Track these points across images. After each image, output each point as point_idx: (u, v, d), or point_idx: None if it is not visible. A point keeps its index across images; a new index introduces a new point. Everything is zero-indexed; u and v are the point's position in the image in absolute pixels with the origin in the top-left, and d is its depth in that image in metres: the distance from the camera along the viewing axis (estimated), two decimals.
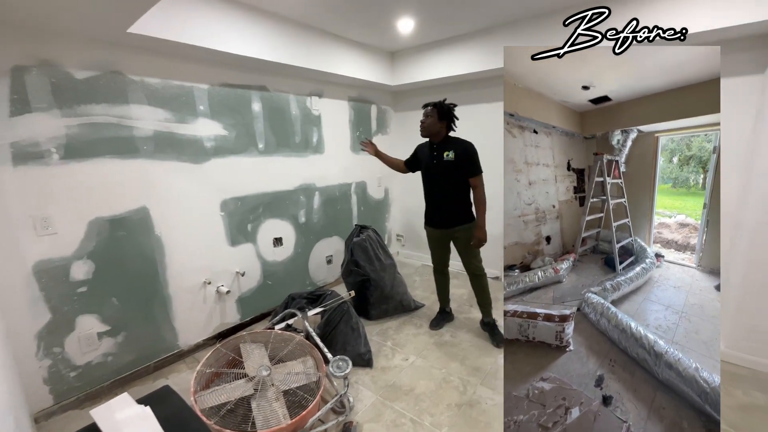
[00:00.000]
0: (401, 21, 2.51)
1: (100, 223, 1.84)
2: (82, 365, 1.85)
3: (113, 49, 1.81)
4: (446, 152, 2.16)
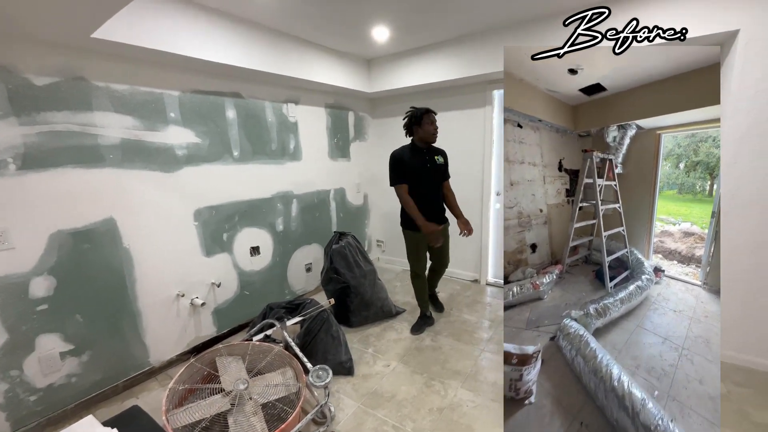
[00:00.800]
0: (376, 29, 2.54)
1: (62, 237, 1.74)
2: (44, 388, 1.73)
3: (76, 55, 1.74)
4: (437, 157, 2.39)
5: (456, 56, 2.82)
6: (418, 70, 3.04)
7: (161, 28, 1.83)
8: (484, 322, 2.68)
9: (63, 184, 1.73)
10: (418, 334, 2.51)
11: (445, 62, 2.88)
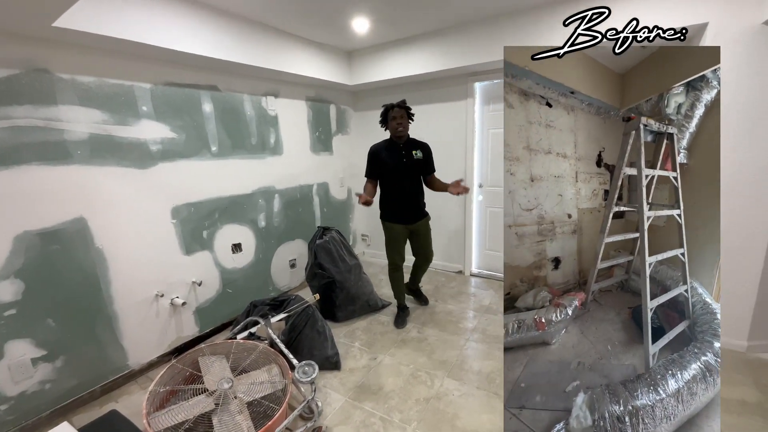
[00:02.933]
0: (356, 21, 2.50)
1: (28, 238, 1.66)
2: (15, 396, 1.66)
3: (37, 45, 1.64)
4: (414, 152, 2.35)
5: (437, 48, 2.81)
6: (400, 62, 3.02)
7: (130, 16, 1.74)
8: (468, 312, 2.72)
9: (27, 183, 1.64)
10: (402, 327, 2.52)
11: (427, 54, 2.87)
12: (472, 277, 3.40)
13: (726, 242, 1.98)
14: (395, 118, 2.28)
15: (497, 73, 2.87)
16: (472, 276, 3.41)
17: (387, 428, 1.66)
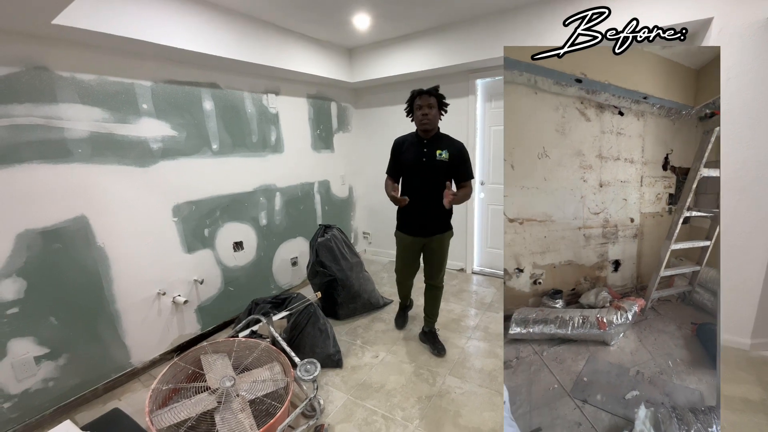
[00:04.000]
0: (357, 17, 2.48)
1: (30, 236, 1.66)
2: (18, 394, 1.66)
3: (37, 43, 1.63)
4: (439, 151, 1.91)
5: (438, 45, 2.79)
6: (401, 59, 3.00)
7: (130, 13, 1.73)
8: (470, 310, 2.72)
9: (28, 182, 1.64)
10: (402, 328, 2.43)
11: (428, 51, 2.85)
12: (473, 275, 3.40)
13: (728, 240, 1.97)
14: (421, 107, 1.89)
15: (499, 70, 2.85)
16: (474, 274, 3.41)
17: (389, 426, 1.66)
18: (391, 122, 3.53)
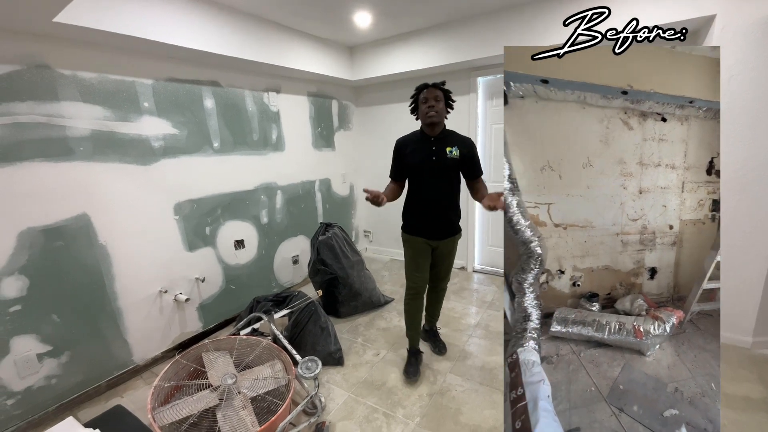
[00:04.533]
0: (358, 15, 2.47)
1: (32, 234, 1.66)
2: (21, 391, 1.67)
3: (38, 41, 1.63)
4: (449, 148, 1.78)
5: (440, 43, 2.79)
6: (402, 57, 2.99)
7: (131, 11, 1.73)
8: (471, 308, 2.72)
9: (30, 179, 1.64)
10: (414, 378, 1.93)
11: (429, 49, 2.84)
12: (474, 273, 3.40)
13: (729, 239, 1.97)
14: (427, 100, 1.74)
15: (500, 68, 2.84)
16: (475, 272, 3.41)
17: (390, 423, 1.67)
18: (393, 120, 3.53)
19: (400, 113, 3.45)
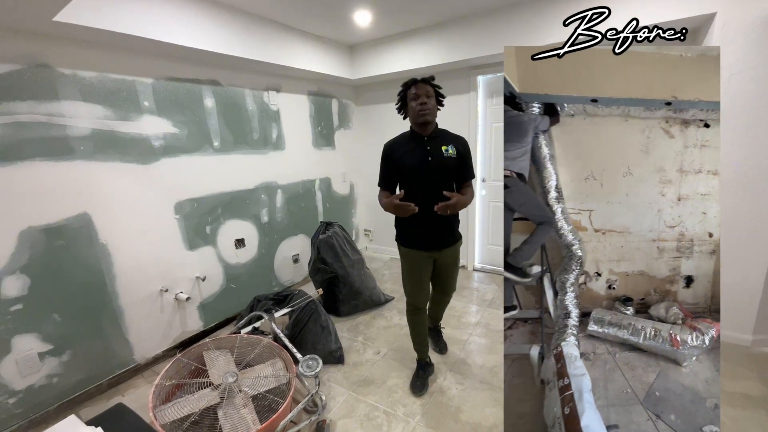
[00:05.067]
0: (358, 13, 2.47)
1: (33, 234, 1.67)
2: (23, 389, 1.68)
3: (38, 40, 1.63)
4: (445, 147, 1.64)
5: (439, 42, 2.78)
6: (401, 56, 2.99)
7: (130, 11, 1.73)
8: (471, 307, 2.73)
9: (31, 179, 1.64)
10: (421, 392, 1.84)
11: (429, 48, 2.84)
12: (474, 272, 3.40)
13: (730, 237, 1.97)
14: (417, 96, 1.60)
15: (500, 67, 2.84)
16: (475, 271, 3.41)
17: (390, 421, 1.67)
18: (392, 119, 3.50)
19: None
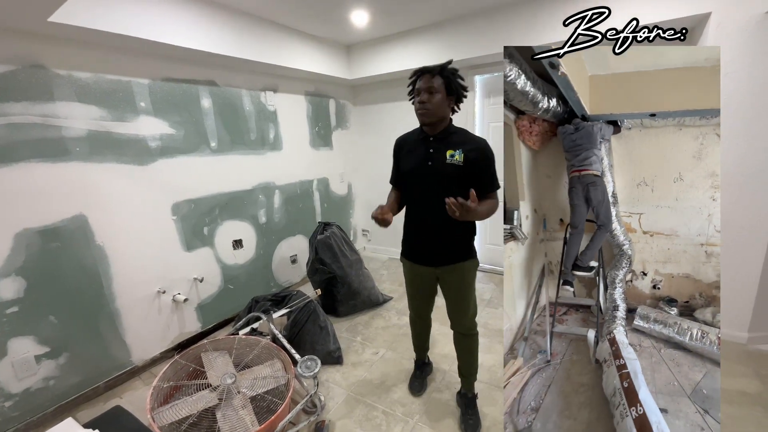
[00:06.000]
0: (354, 13, 2.47)
1: (29, 235, 1.65)
2: (19, 393, 1.67)
3: (33, 41, 1.62)
4: (450, 151, 1.40)
5: (437, 41, 2.78)
6: (399, 55, 2.99)
7: (126, 11, 1.72)
8: None
9: (26, 180, 1.63)
10: (419, 393, 1.82)
11: (426, 47, 2.84)
12: None
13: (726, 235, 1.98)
14: (419, 91, 1.39)
15: (497, 66, 2.84)
16: None
17: (390, 422, 1.67)
18: (390, 119, 3.52)
19: (398, 112, 3.45)
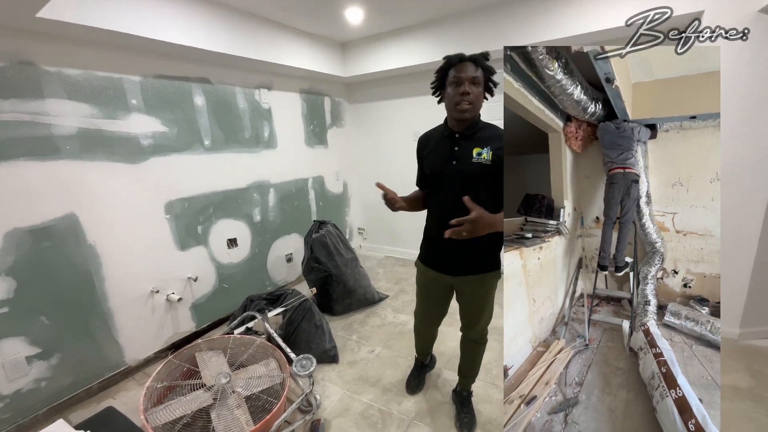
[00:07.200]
0: (349, 10, 2.45)
1: (19, 235, 1.63)
2: (10, 394, 1.64)
3: (21, 37, 1.59)
4: (477, 149, 1.28)
5: (433, 39, 2.78)
6: (395, 53, 2.98)
7: (116, 7, 1.69)
8: None
9: (15, 179, 1.60)
10: (416, 392, 1.82)
11: (422, 45, 2.83)
12: None
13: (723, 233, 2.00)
14: (460, 82, 1.24)
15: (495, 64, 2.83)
16: None
17: (385, 420, 1.67)
18: (386, 117, 3.51)
19: (394, 110, 3.44)
